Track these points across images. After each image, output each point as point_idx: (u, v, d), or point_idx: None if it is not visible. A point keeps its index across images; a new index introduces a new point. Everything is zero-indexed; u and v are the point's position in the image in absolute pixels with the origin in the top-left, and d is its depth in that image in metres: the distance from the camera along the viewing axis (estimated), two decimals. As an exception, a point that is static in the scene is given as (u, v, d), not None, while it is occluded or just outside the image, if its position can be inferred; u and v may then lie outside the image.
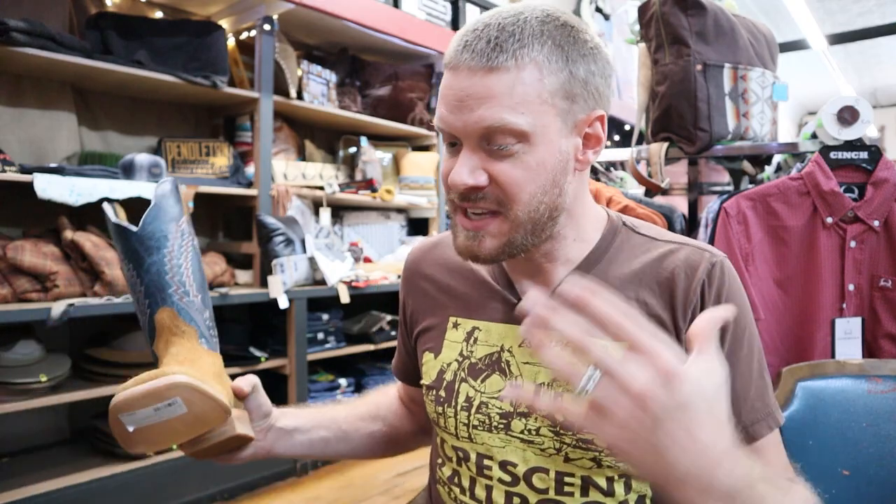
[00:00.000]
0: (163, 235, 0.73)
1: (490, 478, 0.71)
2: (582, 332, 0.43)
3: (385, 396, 0.95)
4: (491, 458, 0.71)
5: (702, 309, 0.68)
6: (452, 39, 0.65)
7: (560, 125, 0.64)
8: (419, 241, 0.89)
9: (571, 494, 0.67)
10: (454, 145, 0.66)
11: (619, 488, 0.67)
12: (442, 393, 0.74)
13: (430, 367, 0.77)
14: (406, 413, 0.94)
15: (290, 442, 0.81)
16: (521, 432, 0.69)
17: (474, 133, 0.62)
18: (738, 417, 0.66)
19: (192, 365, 0.70)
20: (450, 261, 0.82)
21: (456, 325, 0.77)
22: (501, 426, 0.70)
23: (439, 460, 0.79)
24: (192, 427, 0.69)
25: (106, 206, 0.74)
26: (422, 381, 0.79)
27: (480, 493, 0.71)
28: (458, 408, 0.72)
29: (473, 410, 0.71)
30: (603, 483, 0.67)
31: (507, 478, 0.69)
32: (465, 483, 0.73)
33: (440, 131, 0.67)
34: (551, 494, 0.68)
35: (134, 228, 0.71)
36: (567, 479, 0.67)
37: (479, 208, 0.66)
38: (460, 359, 0.74)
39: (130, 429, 0.67)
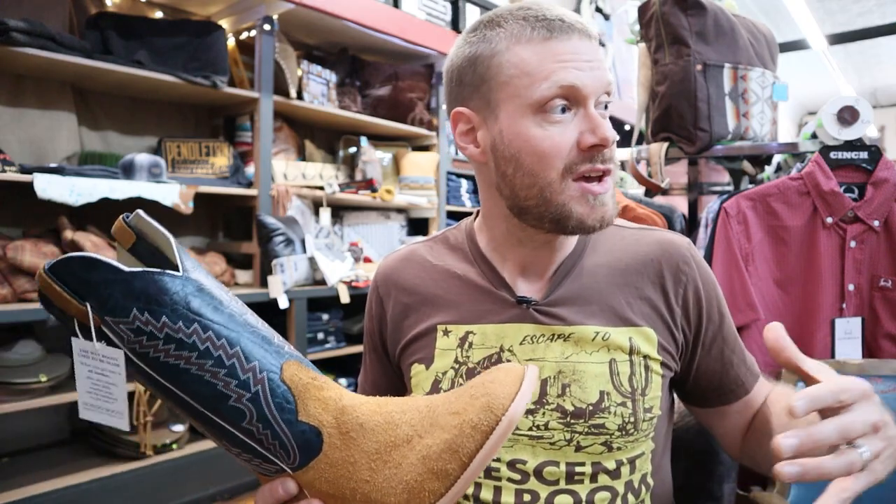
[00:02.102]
0: (205, 274, 0.53)
1: (498, 479, 0.70)
2: (838, 423, 0.52)
3: None
4: (498, 459, 0.70)
5: (693, 283, 0.75)
6: (529, 13, 0.68)
7: None
8: (387, 256, 0.87)
9: (582, 482, 0.68)
10: (564, 111, 0.67)
11: (625, 470, 0.70)
12: None
13: (421, 378, 0.75)
14: None
15: None
16: (529, 429, 0.69)
17: (600, 90, 0.67)
18: (741, 379, 0.77)
19: (415, 400, 0.54)
20: (430, 269, 0.80)
21: (447, 333, 0.75)
22: None
23: None
24: None
25: (95, 258, 0.48)
26: (413, 395, 0.77)
27: (487, 495, 0.70)
28: None
29: None
30: (612, 466, 0.69)
31: (517, 476, 0.69)
32: (469, 490, 0.72)
33: (551, 99, 0.65)
34: (562, 485, 0.68)
35: (178, 273, 0.49)
36: (578, 469, 0.68)
37: (608, 168, 0.68)
38: (456, 365, 0.73)
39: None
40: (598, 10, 4.13)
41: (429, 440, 0.49)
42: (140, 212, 0.53)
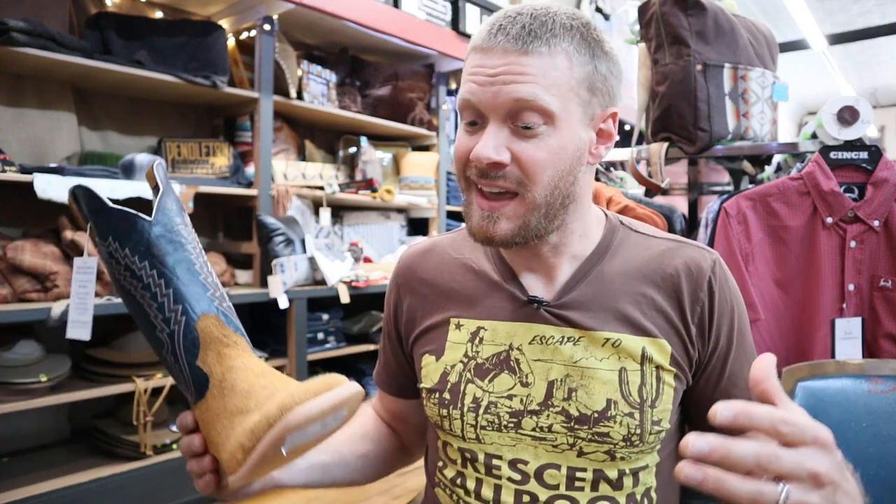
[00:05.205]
0: (179, 225, 0.61)
1: (499, 477, 0.70)
2: (764, 448, 0.43)
3: (369, 417, 0.93)
4: (500, 457, 0.70)
5: (710, 307, 0.71)
6: (482, 26, 0.68)
7: (581, 115, 0.67)
8: (412, 244, 0.90)
9: (582, 489, 0.68)
10: (474, 125, 0.68)
11: (627, 481, 0.68)
12: (447, 395, 0.74)
13: (430, 369, 0.76)
14: (389, 433, 0.92)
15: (291, 470, 0.73)
16: (533, 430, 0.69)
17: (503, 107, 0.64)
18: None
19: (281, 380, 0.59)
20: (449, 262, 0.81)
21: (458, 326, 0.76)
22: (511, 425, 0.70)
23: (440, 463, 0.78)
24: (325, 437, 0.61)
25: (93, 191, 0.59)
26: (421, 385, 0.78)
27: (488, 493, 0.71)
28: (465, 409, 0.72)
29: (482, 411, 0.71)
30: (614, 476, 0.68)
31: (517, 476, 0.69)
32: (471, 485, 0.72)
33: (462, 110, 0.68)
34: (562, 490, 0.68)
35: (149, 218, 0.59)
36: (579, 475, 0.68)
37: (496, 187, 0.66)
38: (465, 360, 0.74)
39: (284, 451, 0.56)
40: (599, 10, 4.13)
41: (254, 416, 0.55)
42: (161, 163, 0.64)
